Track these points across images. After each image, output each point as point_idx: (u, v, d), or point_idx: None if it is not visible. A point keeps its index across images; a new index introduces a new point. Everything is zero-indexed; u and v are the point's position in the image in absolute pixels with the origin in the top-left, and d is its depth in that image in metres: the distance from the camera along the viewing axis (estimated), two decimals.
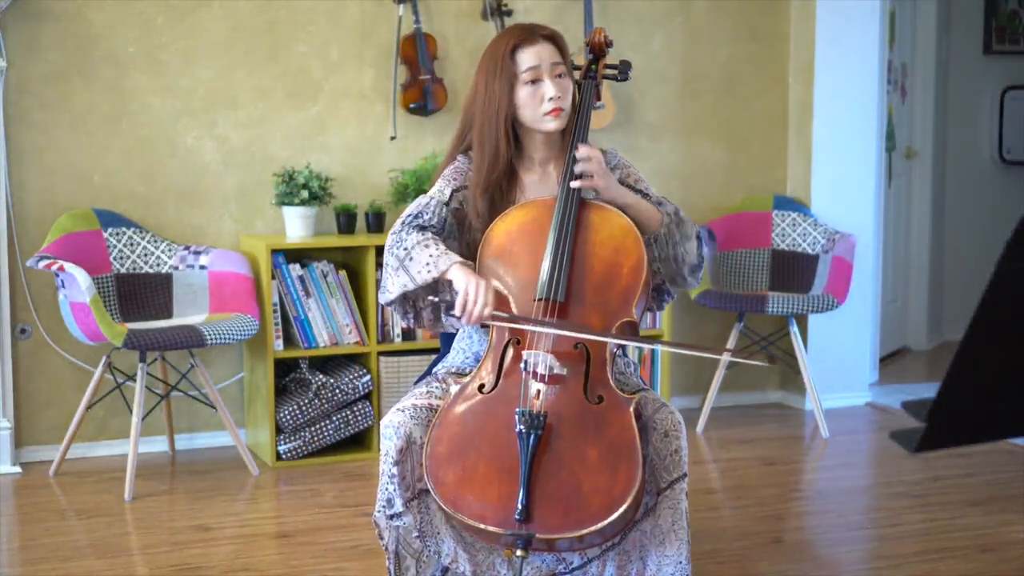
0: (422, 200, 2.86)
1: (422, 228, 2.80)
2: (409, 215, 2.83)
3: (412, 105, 5.03)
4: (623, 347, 3.05)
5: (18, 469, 4.64)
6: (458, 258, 2.71)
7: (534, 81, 2.82)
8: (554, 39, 2.86)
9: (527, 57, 2.82)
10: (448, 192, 2.87)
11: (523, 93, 2.83)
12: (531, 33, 2.84)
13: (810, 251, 5.39)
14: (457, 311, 2.68)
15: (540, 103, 2.82)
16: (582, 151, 2.80)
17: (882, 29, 5.67)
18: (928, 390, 5.35)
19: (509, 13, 5.12)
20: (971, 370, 1.50)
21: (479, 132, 2.86)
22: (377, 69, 5.07)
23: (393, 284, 2.76)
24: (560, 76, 2.84)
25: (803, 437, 5.21)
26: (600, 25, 5.26)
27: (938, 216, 6.91)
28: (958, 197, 7.04)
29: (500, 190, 2.88)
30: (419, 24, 4.99)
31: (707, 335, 5.62)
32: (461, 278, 2.67)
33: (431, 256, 2.71)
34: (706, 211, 5.52)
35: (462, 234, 2.90)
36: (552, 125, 2.84)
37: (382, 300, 2.82)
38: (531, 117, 2.84)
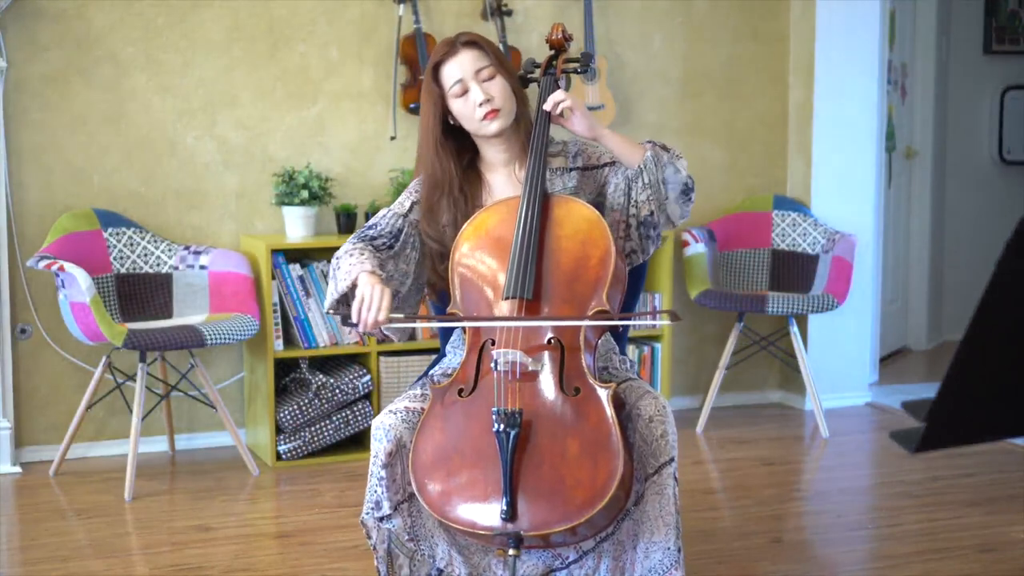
0: (381, 212, 2.93)
1: (371, 239, 2.86)
2: (364, 226, 2.90)
3: (412, 105, 5.03)
4: (620, 345, 3.05)
5: (18, 469, 4.64)
6: (368, 267, 2.73)
7: (464, 92, 2.85)
8: (475, 43, 2.88)
9: (448, 72, 2.86)
10: (408, 204, 2.93)
11: (457, 106, 2.88)
12: (451, 46, 2.88)
13: (810, 251, 5.39)
14: (353, 317, 2.71)
15: (474, 109, 2.85)
16: (548, 102, 2.86)
17: (882, 29, 5.67)
18: (928, 390, 5.35)
19: (509, 13, 5.12)
20: (971, 370, 1.50)
21: (419, 155, 2.95)
22: (377, 69, 5.07)
23: (328, 293, 2.82)
24: (488, 79, 2.86)
25: (803, 437, 5.21)
26: (601, 25, 5.27)
27: (938, 216, 6.91)
28: (958, 197, 7.04)
29: (464, 196, 2.91)
30: (419, 24, 4.99)
31: (707, 335, 5.62)
32: (365, 286, 2.69)
33: (350, 265, 2.76)
34: (706, 211, 5.52)
35: (423, 246, 2.93)
36: (492, 128, 2.87)
37: (324, 308, 2.87)
38: (473, 127, 2.89)
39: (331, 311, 2.84)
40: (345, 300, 2.79)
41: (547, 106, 2.85)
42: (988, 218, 7.01)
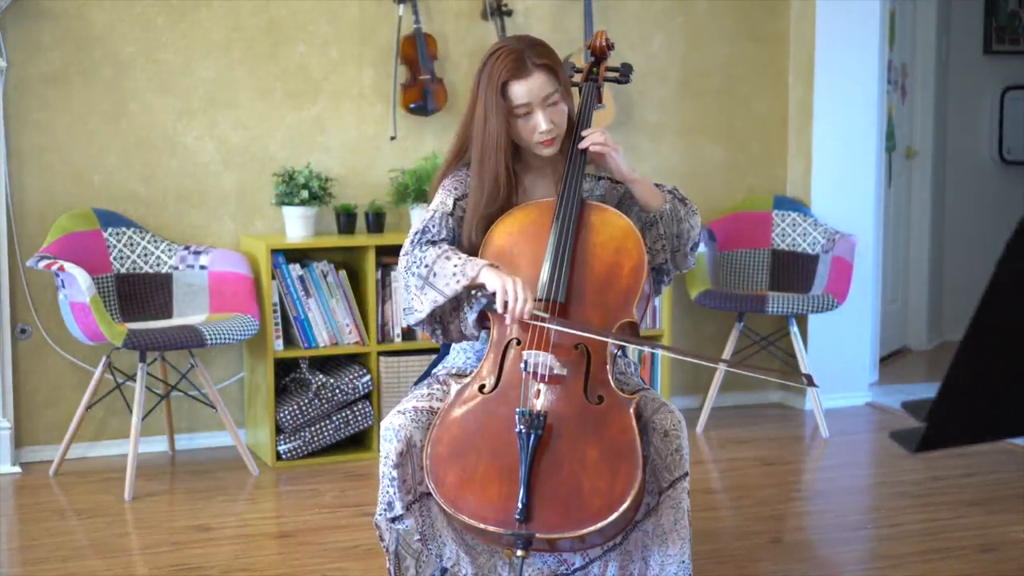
0: (425, 216, 2.85)
1: (432, 243, 2.79)
2: (416, 233, 2.81)
3: (412, 105, 5.03)
4: (623, 347, 3.05)
5: (18, 469, 4.64)
6: (484, 261, 2.70)
7: (527, 113, 2.81)
8: (548, 67, 2.80)
9: (517, 93, 2.78)
10: (451, 203, 2.86)
11: (517, 124, 2.82)
12: (523, 65, 2.78)
13: (810, 251, 5.39)
14: (499, 309, 2.66)
15: (533, 132, 2.82)
16: (586, 132, 2.83)
17: (882, 29, 5.67)
18: (928, 390, 5.36)
19: (509, 13, 5.12)
20: (971, 370, 1.50)
21: (478, 164, 2.83)
22: (377, 69, 5.07)
23: (422, 303, 2.74)
24: (554, 104, 2.81)
25: (803, 437, 5.21)
26: (601, 25, 5.26)
27: (938, 216, 6.91)
28: (958, 197, 7.04)
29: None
30: (419, 24, 4.99)
31: (707, 335, 5.62)
32: (495, 278, 2.66)
33: (455, 266, 2.70)
34: (706, 211, 5.52)
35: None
36: (546, 152, 2.85)
37: (411, 321, 2.79)
38: (526, 142, 2.85)
39: (423, 322, 2.77)
40: (431, 314, 2.75)
41: (582, 145, 2.82)
42: (988, 218, 7.01)
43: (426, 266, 2.73)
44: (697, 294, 5.17)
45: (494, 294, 2.66)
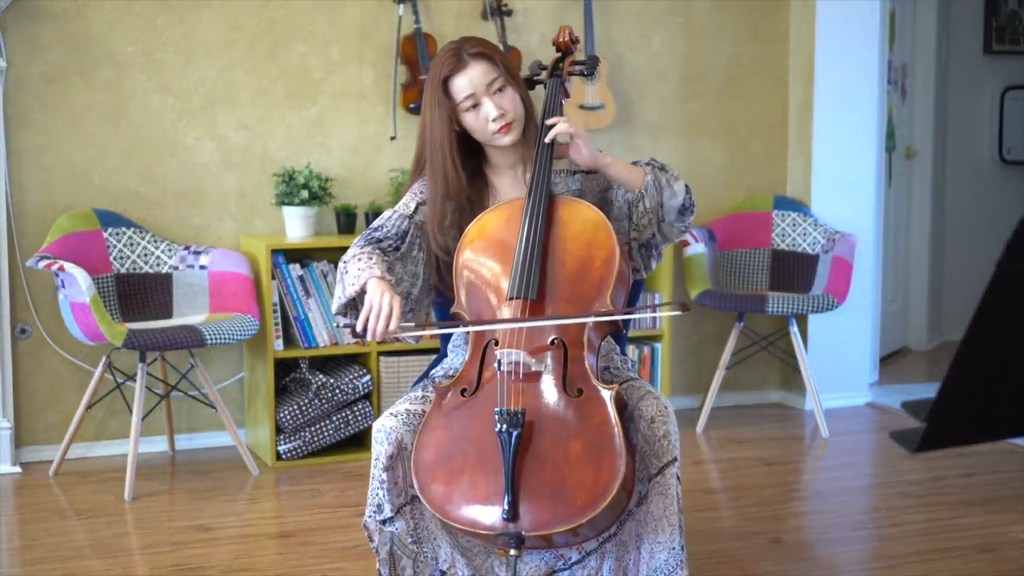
0: (385, 213, 2.90)
1: (378, 240, 2.83)
2: (370, 228, 2.86)
3: (412, 105, 5.03)
4: (620, 344, 3.05)
5: (18, 469, 4.64)
6: (377, 272, 2.70)
7: (475, 105, 2.83)
8: (484, 55, 2.83)
9: (459, 86, 2.82)
10: (413, 205, 2.90)
11: (468, 119, 2.85)
12: (459, 59, 2.82)
13: (810, 251, 5.39)
14: (359, 326, 2.67)
15: (486, 122, 2.83)
16: (550, 121, 2.82)
17: (882, 29, 5.67)
18: (928, 390, 5.36)
19: (509, 13, 5.12)
20: (971, 370, 1.50)
21: (429, 165, 2.88)
22: (377, 69, 5.07)
23: (335, 297, 2.79)
24: (500, 90, 2.83)
25: (803, 437, 5.21)
26: (601, 25, 5.27)
27: (938, 216, 6.91)
28: (958, 197, 7.04)
29: (471, 203, 2.90)
30: (419, 24, 4.99)
31: (707, 335, 5.62)
32: (370, 294, 2.66)
33: (359, 270, 2.72)
34: (706, 211, 5.52)
35: (429, 247, 2.91)
36: (506, 140, 2.86)
37: (332, 311, 2.84)
38: (484, 138, 2.87)
39: (339, 315, 2.80)
40: (353, 305, 2.78)
41: (548, 137, 2.82)
42: (988, 218, 7.01)
43: (345, 262, 2.78)
44: (697, 294, 5.17)
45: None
